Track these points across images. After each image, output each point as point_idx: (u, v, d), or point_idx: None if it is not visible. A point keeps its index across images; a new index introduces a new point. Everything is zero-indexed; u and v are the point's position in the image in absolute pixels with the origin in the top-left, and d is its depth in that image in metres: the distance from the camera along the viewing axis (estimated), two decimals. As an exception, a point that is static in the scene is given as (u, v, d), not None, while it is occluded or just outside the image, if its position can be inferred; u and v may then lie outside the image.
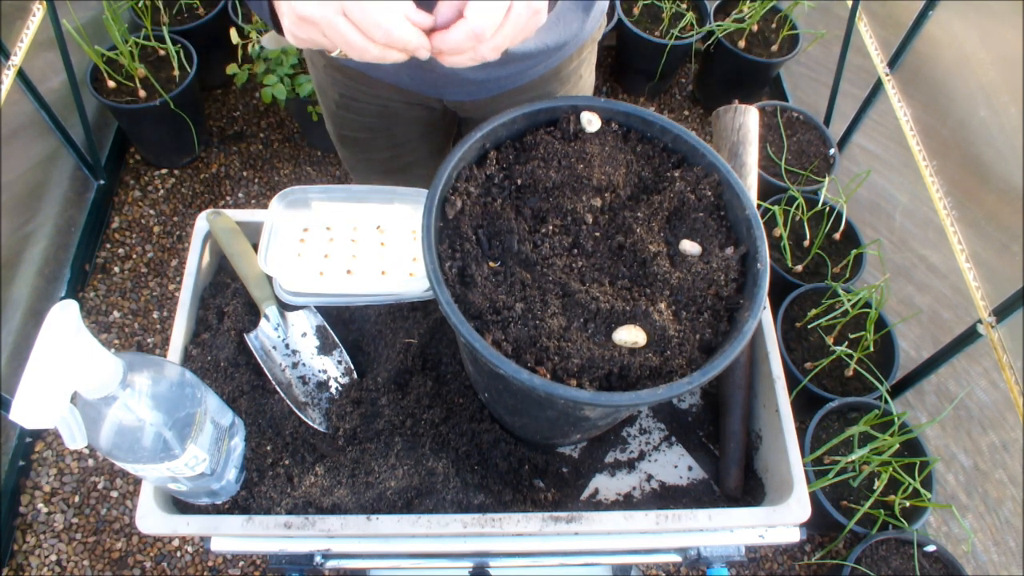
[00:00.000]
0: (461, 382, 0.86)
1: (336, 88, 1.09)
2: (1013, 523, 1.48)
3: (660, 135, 0.77)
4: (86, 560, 1.71)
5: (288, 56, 2.03)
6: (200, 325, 0.89)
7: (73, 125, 2.02)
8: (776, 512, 0.75)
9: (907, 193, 1.87)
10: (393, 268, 0.89)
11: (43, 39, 1.83)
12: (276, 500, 0.76)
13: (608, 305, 0.66)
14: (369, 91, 1.06)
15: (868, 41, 2.02)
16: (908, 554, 1.53)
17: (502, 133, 0.74)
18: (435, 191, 0.67)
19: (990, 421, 1.55)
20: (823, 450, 1.56)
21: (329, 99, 1.12)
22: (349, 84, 1.07)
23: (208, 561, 1.74)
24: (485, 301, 0.64)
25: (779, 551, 1.82)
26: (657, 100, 2.66)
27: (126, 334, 2.03)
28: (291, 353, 0.87)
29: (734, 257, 0.70)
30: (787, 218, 1.95)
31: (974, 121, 1.61)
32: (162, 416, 0.62)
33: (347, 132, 1.19)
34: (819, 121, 2.18)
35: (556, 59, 1.01)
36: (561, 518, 0.73)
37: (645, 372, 0.63)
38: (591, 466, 0.86)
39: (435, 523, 0.73)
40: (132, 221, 2.22)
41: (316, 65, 1.09)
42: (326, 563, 0.83)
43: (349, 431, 0.81)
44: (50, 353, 0.53)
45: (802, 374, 1.73)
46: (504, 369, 0.59)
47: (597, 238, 0.71)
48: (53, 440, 1.85)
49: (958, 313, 1.64)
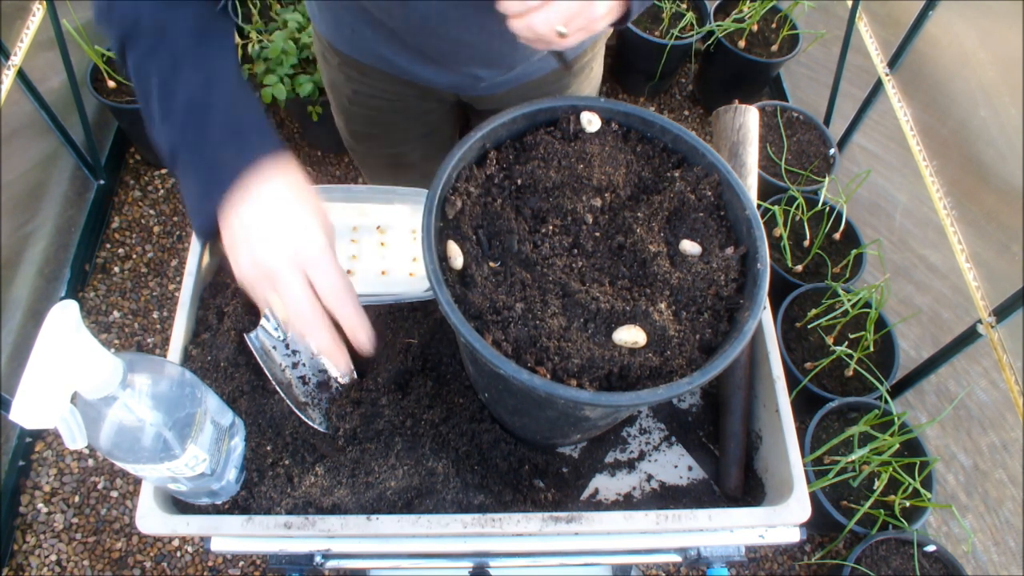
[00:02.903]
0: (461, 382, 0.86)
1: (350, 84, 1.09)
2: (1013, 523, 1.48)
3: (660, 135, 0.77)
4: (86, 560, 1.71)
5: (288, 56, 2.03)
6: (200, 325, 0.88)
7: (73, 125, 2.02)
8: (776, 512, 0.75)
9: (907, 193, 1.87)
10: (393, 268, 0.89)
11: (43, 39, 1.83)
12: (276, 500, 0.76)
13: (608, 305, 0.66)
14: (383, 86, 1.07)
15: (868, 41, 2.02)
16: (908, 554, 1.53)
17: (502, 133, 0.74)
18: (435, 191, 0.67)
19: (990, 421, 1.55)
20: (823, 450, 1.56)
21: (342, 95, 1.13)
22: (363, 80, 1.07)
23: (208, 561, 1.74)
24: (485, 301, 0.64)
25: (779, 551, 1.82)
26: (657, 100, 2.66)
27: (126, 334, 2.03)
28: (291, 353, 0.87)
29: (734, 257, 0.70)
30: (787, 218, 1.95)
31: (974, 121, 1.61)
32: (162, 416, 0.62)
33: (358, 127, 1.19)
34: (819, 121, 2.18)
35: (571, 54, 1.02)
36: (561, 518, 0.73)
37: (645, 372, 0.63)
38: (591, 466, 0.86)
39: (435, 523, 0.73)
40: (132, 221, 2.22)
41: (330, 62, 1.09)
42: (326, 563, 0.83)
43: (349, 431, 0.81)
44: (50, 353, 0.53)
45: (802, 374, 1.73)
46: (504, 369, 0.59)
47: (597, 238, 0.71)
48: (53, 440, 1.85)
49: (958, 313, 1.64)
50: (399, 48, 0.97)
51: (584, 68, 1.10)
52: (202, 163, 0.65)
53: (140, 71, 0.66)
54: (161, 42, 0.66)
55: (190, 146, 0.65)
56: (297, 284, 0.61)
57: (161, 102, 0.65)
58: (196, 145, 0.65)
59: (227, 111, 0.66)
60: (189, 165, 0.66)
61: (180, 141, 0.66)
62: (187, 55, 0.66)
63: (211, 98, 0.66)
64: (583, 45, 1.03)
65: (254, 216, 0.62)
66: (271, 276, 0.62)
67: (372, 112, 1.13)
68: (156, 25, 0.66)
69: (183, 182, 0.67)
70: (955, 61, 1.70)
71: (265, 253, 0.61)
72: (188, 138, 0.66)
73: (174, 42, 0.66)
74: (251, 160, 0.64)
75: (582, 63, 1.09)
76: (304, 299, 0.62)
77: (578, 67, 1.09)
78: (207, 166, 0.65)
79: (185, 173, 0.66)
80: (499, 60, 0.95)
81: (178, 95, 0.65)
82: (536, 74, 1.03)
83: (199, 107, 0.65)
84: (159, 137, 0.67)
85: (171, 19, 0.66)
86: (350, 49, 1.03)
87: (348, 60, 1.05)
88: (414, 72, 1.00)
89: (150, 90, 0.66)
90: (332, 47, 1.05)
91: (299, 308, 0.62)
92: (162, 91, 0.65)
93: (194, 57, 0.66)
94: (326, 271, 0.63)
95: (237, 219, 0.63)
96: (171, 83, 0.65)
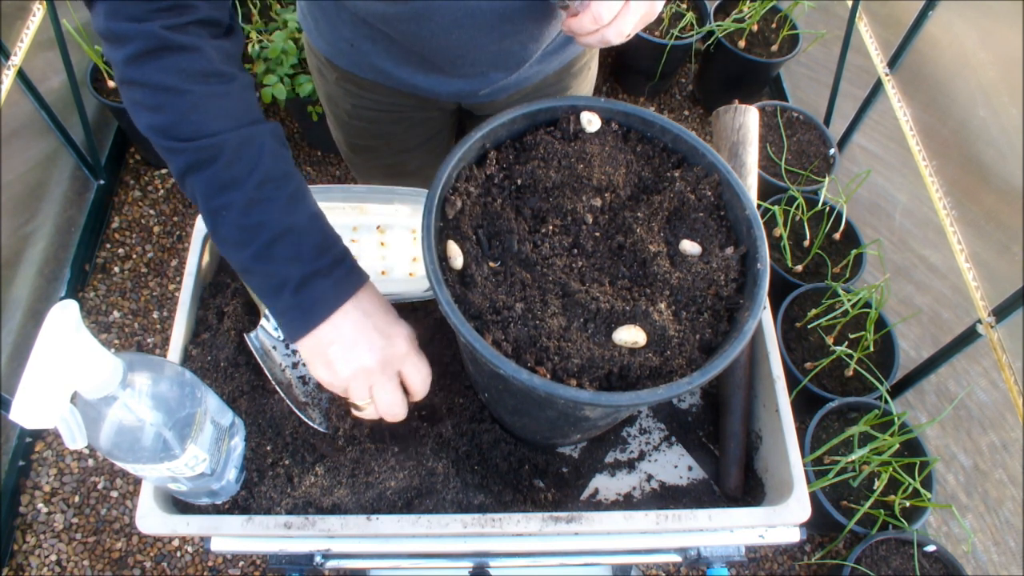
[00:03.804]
0: (461, 382, 0.86)
1: (349, 99, 1.08)
2: (1013, 523, 1.48)
3: (660, 135, 0.77)
4: (86, 560, 1.71)
5: (288, 56, 2.03)
6: (200, 325, 0.88)
7: (73, 125, 2.02)
8: (776, 512, 0.75)
9: (907, 193, 1.87)
10: (393, 268, 0.89)
11: (43, 39, 1.83)
12: (276, 500, 0.76)
13: (608, 305, 0.66)
14: (384, 99, 1.06)
15: (868, 41, 2.02)
16: (908, 554, 1.53)
17: (502, 133, 0.74)
18: (435, 191, 0.67)
19: (990, 421, 1.55)
20: (823, 450, 1.56)
21: (341, 110, 1.11)
22: (363, 94, 1.06)
23: (208, 561, 1.74)
24: (485, 301, 0.64)
25: (779, 551, 1.82)
26: (657, 100, 2.66)
27: (126, 334, 2.03)
28: (291, 353, 0.87)
29: (734, 257, 0.70)
30: (787, 218, 1.95)
31: (974, 121, 1.61)
32: (162, 416, 0.62)
33: (358, 140, 1.18)
34: (819, 121, 2.18)
35: (570, 54, 1.02)
36: (561, 518, 0.73)
37: (645, 372, 0.63)
38: (591, 466, 0.86)
39: (435, 523, 0.73)
40: (132, 221, 2.22)
41: (327, 77, 1.07)
42: (326, 563, 0.83)
43: (349, 431, 0.81)
44: (50, 353, 0.53)
45: (802, 374, 1.73)
46: (504, 369, 0.59)
47: (597, 238, 0.71)
48: (53, 440, 1.85)
49: (958, 313, 1.64)
50: (401, 60, 0.95)
51: (583, 69, 1.10)
52: (298, 300, 0.68)
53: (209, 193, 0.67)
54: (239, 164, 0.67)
55: (278, 275, 0.68)
56: (392, 384, 0.72)
57: (242, 231, 0.67)
58: (285, 281, 0.68)
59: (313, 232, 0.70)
60: (281, 291, 0.68)
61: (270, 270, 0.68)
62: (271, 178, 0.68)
63: (294, 220, 0.68)
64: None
65: (351, 330, 0.69)
66: (370, 378, 0.70)
67: (372, 124, 1.12)
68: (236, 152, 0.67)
69: (262, 289, 0.70)
70: (955, 61, 1.70)
71: (366, 360, 0.70)
72: (279, 268, 0.68)
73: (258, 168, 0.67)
74: (350, 293, 0.70)
75: (581, 64, 1.09)
76: (398, 397, 0.72)
77: (577, 68, 1.08)
78: (307, 301, 0.68)
79: (271, 296, 0.69)
80: (505, 63, 0.94)
81: (262, 219, 0.67)
82: (536, 78, 1.03)
83: (286, 232, 0.67)
84: (231, 254, 0.69)
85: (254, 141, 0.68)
86: (348, 64, 1.01)
87: (347, 75, 1.03)
88: (416, 83, 0.99)
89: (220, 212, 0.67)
90: (329, 62, 1.03)
91: (391, 405, 0.72)
92: (243, 217, 0.67)
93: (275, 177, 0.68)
94: (417, 367, 0.73)
95: (334, 333, 0.69)
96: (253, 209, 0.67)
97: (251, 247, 0.67)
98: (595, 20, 0.70)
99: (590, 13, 0.70)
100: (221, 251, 0.71)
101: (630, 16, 0.70)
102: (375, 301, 0.72)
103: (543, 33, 0.89)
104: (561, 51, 1.00)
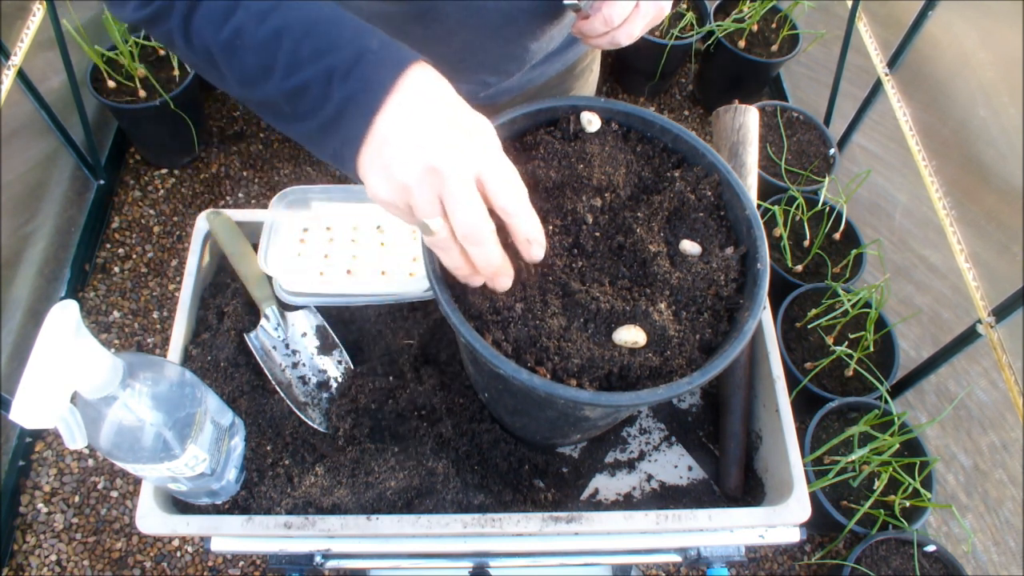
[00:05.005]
0: (461, 382, 0.86)
1: None
2: (1013, 523, 1.48)
3: (660, 135, 0.77)
4: (86, 560, 1.71)
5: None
6: (200, 325, 0.89)
7: (73, 125, 2.02)
8: (776, 512, 0.75)
9: (907, 193, 1.87)
10: (393, 268, 0.89)
11: (43, 39, 1.83)
12: (276, 500, 0.76)
13: (608, 305, 0.66)
14: None
15: (868, 41, 2.02)
16: (908, 554, 1.53)
17: (502, 133, 0.74)
18: (435, 191, 0.67)
19: (990, 421, 1.55)
20: (823, 450, 1.56)
21: None
22: None
23: (208, 561, 1.74)
24: (485, 301, 0.64)
25: (779, 551, 1.82)
26: (657, 100, 2.66)
27: (126, 334, 2.03)
28: (291, 353, 0.87)
29: (734, 257, 0.70)
30: (787, 218, 1.95)
31: (974, 121, 1.61)
32: (162, 416, 0.62)
33: None
34: (819, 121, 2.18)
35: (573, 56, 1.02)
36: (561, 518, 0.73)
37: (645, 372, 0.63)
38: (591, 466, 0.86)
39: (435, 523, 0.73)
40: (132, 221, 2.22)
41: None
42: (326, 563, 0.83)
43: (349, 431, 0.81)
44: (50, 353, 0.53)
45: (802, 374, 1.73)
46: (504, 369, 0.59)
47: (597, 238, 0.71)
48: (53, 440, 1.85)
49: (958, 313, 1.64)
50: None
51: (585, 71, 1.10)
52: (351, 78, 0.54)
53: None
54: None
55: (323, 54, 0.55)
56: (468, 190, 0.53)
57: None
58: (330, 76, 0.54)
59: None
60: (324, 103, 0.55)
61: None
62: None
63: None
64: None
65: (407, 119, 0.53)
66: (436, 180, 0.53)
67: None
68: None
69: (301, 116, 0.57)
70: (955, 61, 1.70)
71: (431, 155, 0.52)
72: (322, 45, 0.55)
73: None
74: (397, 73, 0.54)
75: (584, 65, 1.09)
76: (479, 209, 0.54)
77: (579, 70, 1.08)
78: (360, 78, 0.54)
79: (313, 116, 0.56)
80: (509, 65, 0.94)
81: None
82: (538, 80, 1.02)
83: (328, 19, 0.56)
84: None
85: None
86: None
87: None
88: None
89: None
90: None
91: (471, 223, 0.54)
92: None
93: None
94: (504, 173, 0.55)
95: (388, 127, 0.53)
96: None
97: (276, 69, 0.55)
98: (606, 22, 0.69)
99: (601, 15, 0.69)
100: (252, 106, 0.60)
101: (640, 18, 0.70)
102: (439, 84, 0.56)
103: (548, 34, 0.89)
104: (564, 53, 1.00)
